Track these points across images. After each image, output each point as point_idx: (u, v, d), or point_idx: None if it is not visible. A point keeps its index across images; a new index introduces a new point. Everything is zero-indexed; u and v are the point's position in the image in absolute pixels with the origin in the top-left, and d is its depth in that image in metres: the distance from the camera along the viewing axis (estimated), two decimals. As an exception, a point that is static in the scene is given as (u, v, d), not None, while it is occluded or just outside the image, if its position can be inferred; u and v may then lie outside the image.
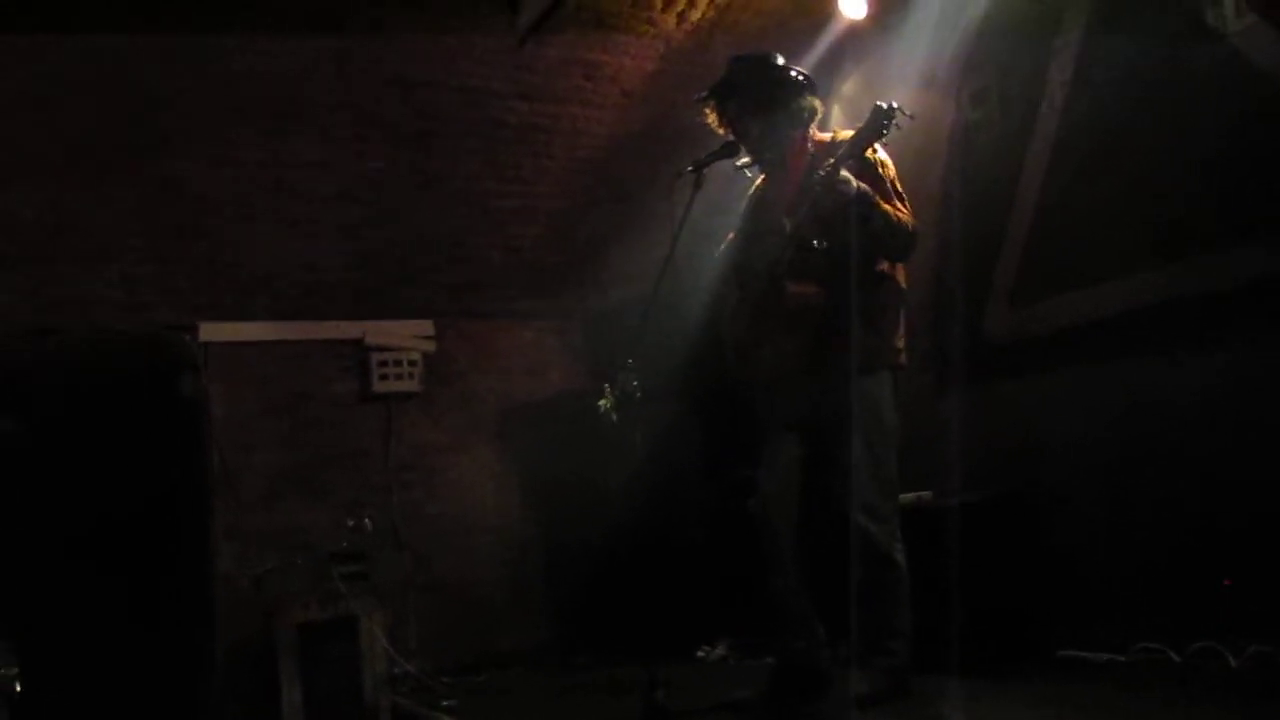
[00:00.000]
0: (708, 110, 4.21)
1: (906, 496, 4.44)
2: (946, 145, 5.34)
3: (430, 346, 6.97)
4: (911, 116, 3.71)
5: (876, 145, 3.88)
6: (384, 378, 6.81)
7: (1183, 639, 4.11)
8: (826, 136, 4.18)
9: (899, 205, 3.96)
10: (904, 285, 4.12)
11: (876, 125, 3.71)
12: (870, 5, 5.49)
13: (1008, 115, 5.03)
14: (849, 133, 3.94)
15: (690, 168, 4.06)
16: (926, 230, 5.26)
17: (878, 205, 3.84)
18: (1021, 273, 4.97)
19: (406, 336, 6.92)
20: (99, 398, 6.94)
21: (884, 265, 4.03)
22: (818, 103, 4.19)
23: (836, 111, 5.98)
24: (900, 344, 4.09)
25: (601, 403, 3.93)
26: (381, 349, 6.83)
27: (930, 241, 5.33)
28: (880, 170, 3.99)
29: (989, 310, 5.13)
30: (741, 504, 4.20)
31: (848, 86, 6.01)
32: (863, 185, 3.80)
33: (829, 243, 3.86)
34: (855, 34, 5.73)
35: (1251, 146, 3.98)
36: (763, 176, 4.33)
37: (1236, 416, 4.06)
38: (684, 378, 4.67)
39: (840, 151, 3.85)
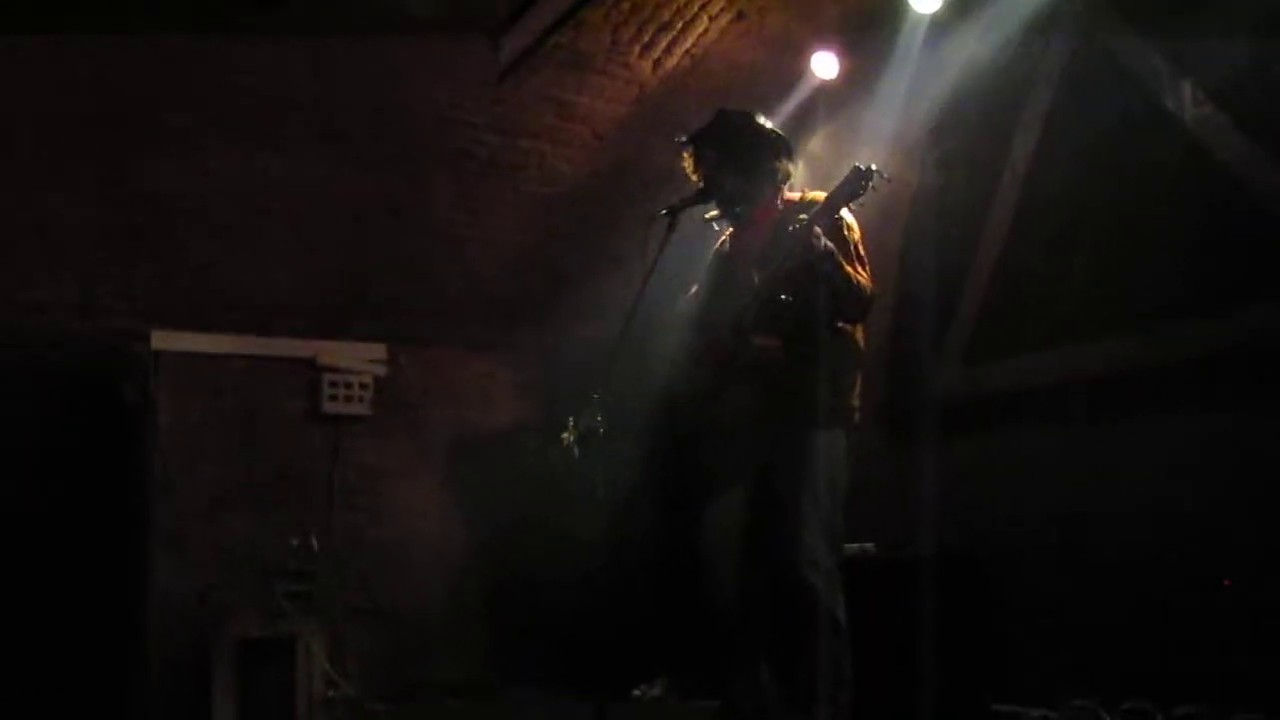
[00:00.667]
0: (685, 155, 4.29)
1: (851, 547, 4.53)
2: (909, 206, 5.49)
3: (382, 370, 6.98)
4: (889, 179, 3.81)
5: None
6: (334, 399, 6.81)
7: (1115, 697, 4.24)
8: (795, 195, 4.26)
9: (859, 269, 4.04)
10: (862, 344, 4.22)
11: (854, 186, 3.78)
12: (842, 66, 5.64)
13: (972, 181, 5.18)
14: (817, 193, 4.04)
15: (665, 211, 4.11)
16: (886, 287, 5.42)
17: (841, 265, 3.92)
18: (976, 334, 5.11)
19: (359, 359, 6.94)
20: (40, 400, 6.89)
21: (841, 324, 4.12)
22: (791, 166, 4.29)
23: (803, 169, 6.10)
24: (856, 402, 4.16)
25: (565, 435, 3.96)
26: (333, 370, 6.83)
27: (889, 299, 5.47)
28: (845, 232, 4.06)
29: (943, 368, 5.26)
30: (689, 545, 4.26)
31: (815, 144, 6.14)
32: (829, 244, 3.88)
33: (794, 298, 3.94)
34: (826, 93, 5.87)
35: (1205, 227, 4.15)
36: (729, 231, 4.41)
37: (1183, 482, 4.20)
38: (646, 419, 4.72)
39: (816, 209, 3.93)
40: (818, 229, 3.82)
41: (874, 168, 3.76)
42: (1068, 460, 4.63)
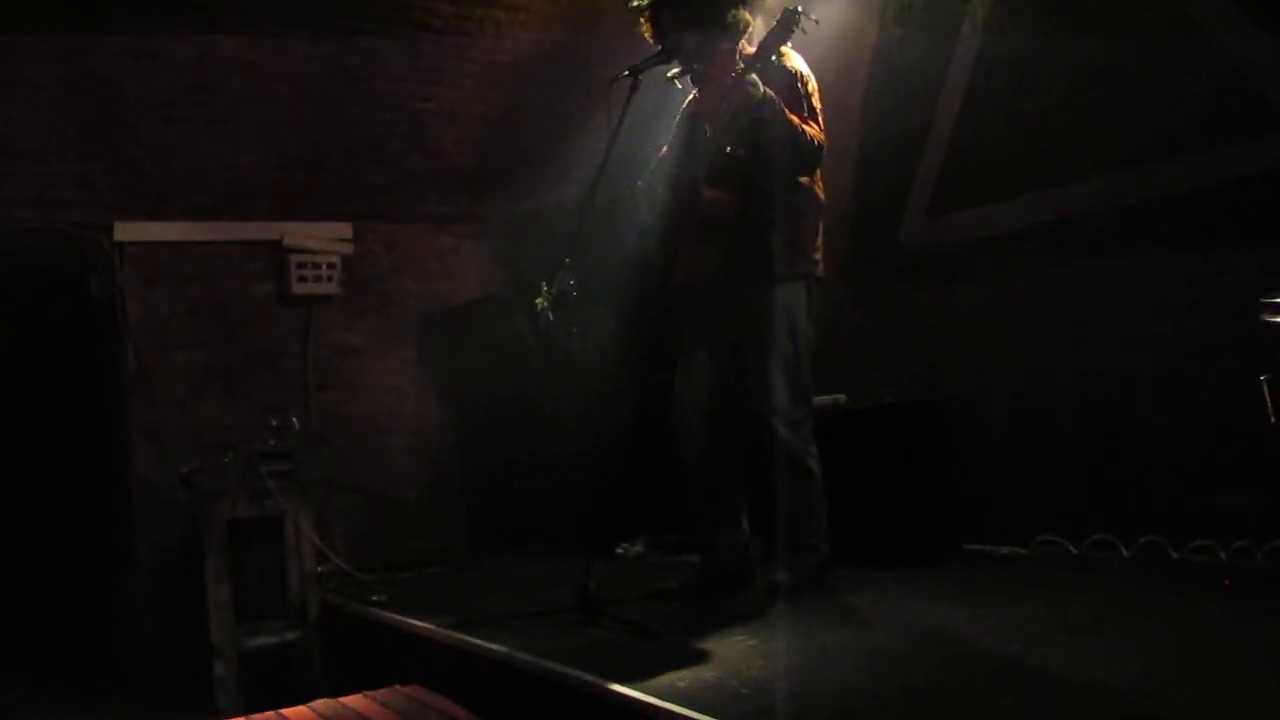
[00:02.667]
0: (642, 20, 4.31)
1: (822, 399, 4.70)
2: (869, 61, 5.53)
3: (348, 249, 7.07)
4: (817, 21, 3.85)
5: (793, 55, 4.04)
6: (302, 280, 6.90)
7: (1080, 534, 4.47)
8: (754, 49, 4.30)
9: (810, 121, 4.10)
10: (822, 196, 4.29)
11: (783, 29, 3.85)
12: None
13: (930, 32, 5.22)
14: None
15: (626, 73, 4.14)
16: (849, 142, 5.50)
17: (782, 113, 3.95)
18: (939, 187, 5.20)
19: (325, 239, 7.01)
20: (4, 297, 6.92)
21: (796, 175, 4.19)
22: (749, 16, 4.32)
23: (760, 25, 6.12)
24: (817, 255, 4.26)
25: (538, 300, 4.05)
26: (300, 251, 6.92)
27: (851, 154, 5.55)
28: (798, 84, 4.11)
29: (907, 221, 5.37)
30: (662, 408, 4.39)
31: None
32: (769, 91, 3.93)
33: (742, 150, 4.00)
34: (781, -55, 5.86)
35: (1170, 62, 4.22)
36: (695, 90, 4.46)
37: (1147, 327, 4.36)
38: (617, 283, 4.82)
39: (751, 56, 4.00)
40: (752, 76, 3.88)
41: (799, 10, 3.81)
42: (1032, 309, 4.76)
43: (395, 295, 7.22)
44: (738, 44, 4.28)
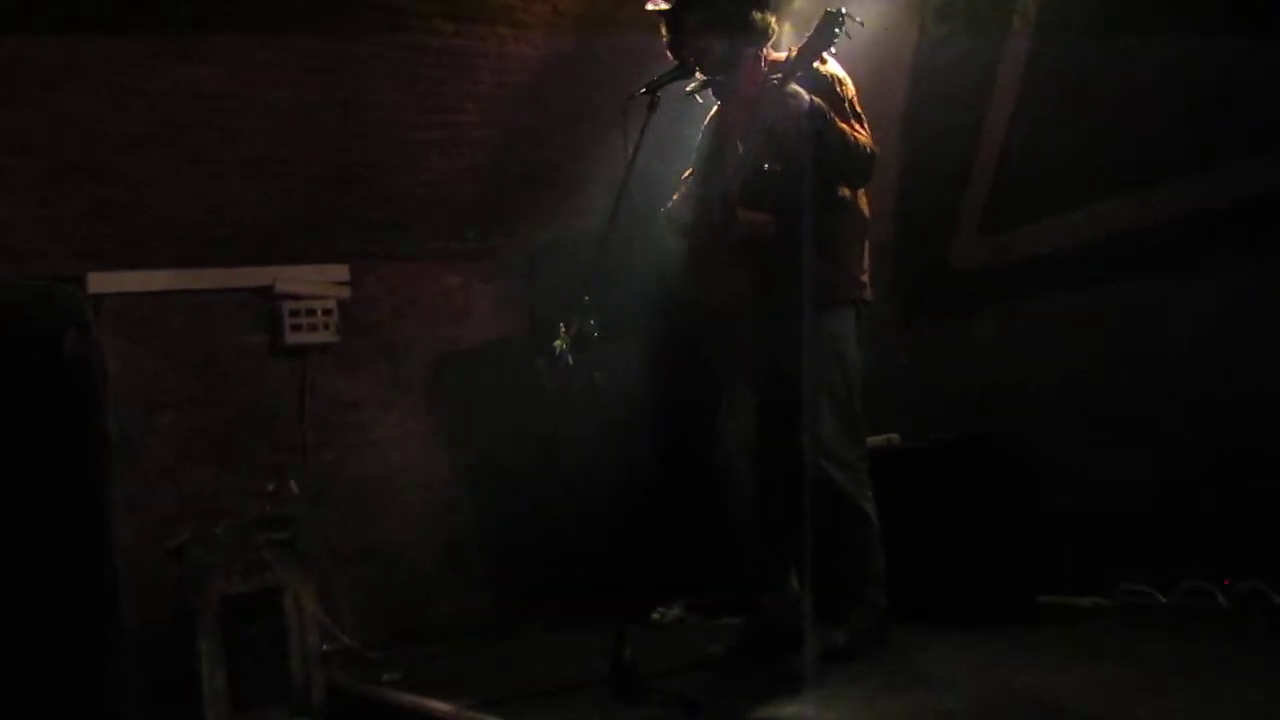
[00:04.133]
0: (662, 26, 4.27)
1: (874, 439, 4.61)
2: (910, 63, 5.48)
3: (346, 293, 7.03)
4: (861, 23, 3.78)
5: (828, 59, 3.97)
6: (297, 328, 6.86)
7: (1169, 580, 4.34)
8: (781, 55, 4.25)
9: (857, 126, 4.05)
10: (867, 213, 4.23)
11: (826, 33, 3.77)
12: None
13: (976, 30, 5.17)
14: (806, 49, 4.03)
15: (643, 89, 4.10)
16: (889, 155, 5.43)
17: (833, 122, 3.90)
18: (992, 199, 5.13)
19: (320, 283, 6.98)
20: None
21: (844, 191, 4.13)
22: (774, 20, 4.28)
23: (787, 29, 6.09)
24: (865, 277, 4.20)
25: (557, 342, 4.00)
26: (293, 297, 6.87)
27: (893, 167, 5.49)
28: (838, 88, 4.06)
29: (957, 239, 5.30)
30: (699, 451, 4.33)
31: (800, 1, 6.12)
32: (816, 99, 3.88)
33: (782, 166, 3.95)
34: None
35: (1236, 62, 4.15)
36: (718, 104, 4.41)
37: (1231, 342, 4.26)
38: (642, 318, 4.77)
39: (787, 64, 3.94)
40: (794, 86, 3.82)
41: (844, 11, 3.74)
42: (1103, 330, 4.68)
43: (399, 342, 7.18)
44: (763, 51, 4.24)
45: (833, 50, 3.85)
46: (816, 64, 3.94)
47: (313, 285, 6.94)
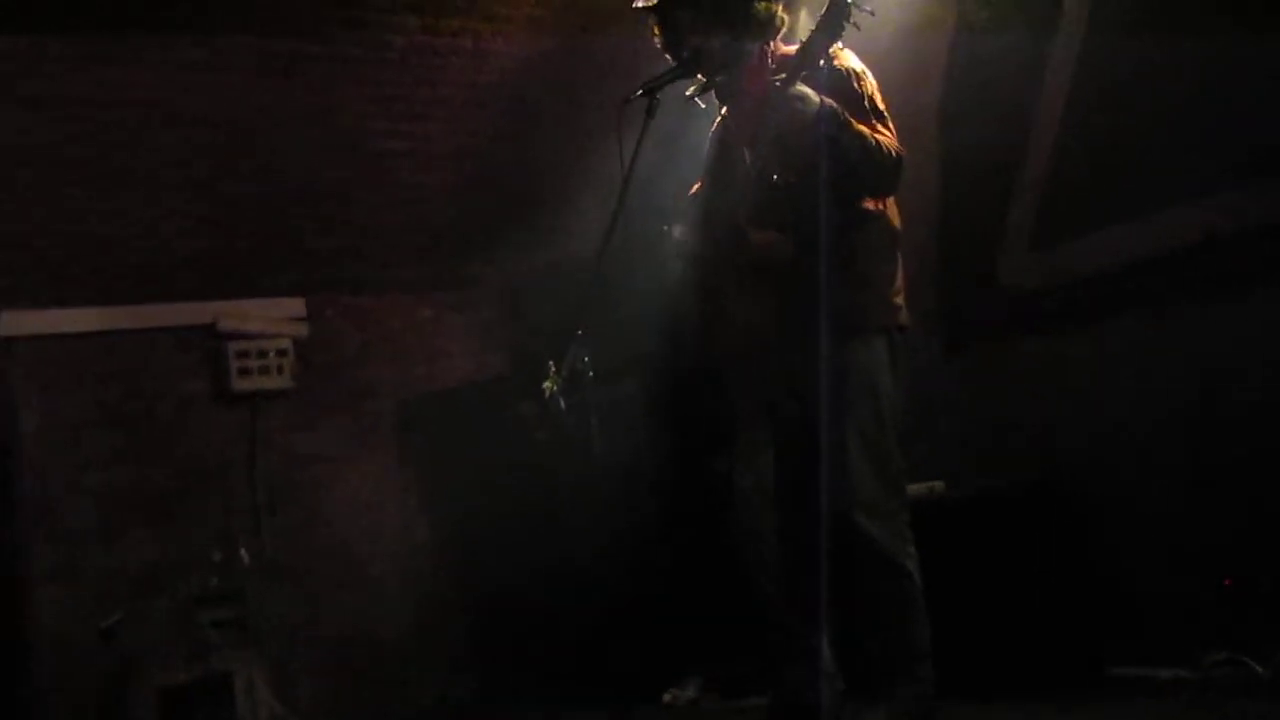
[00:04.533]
0: (653, 24, 4.28)
1: (915, 488, 4.61)
2: (946, 54, 5.51)
3: (303, 331, 7.07)
4: (871, 11, 3.78)
5: (845, 52, 4.00)
6: (245, 372, 6.90)
7: (1267, 648, 4.29)
8: (794, 49, 4.25)
9: (879, 127, 4.05)
10: (897, 224, 4.23)
11: (832, 25, 3.76)
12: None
13: (1023, 13, 5.20)
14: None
15: (640, 91, 4.10)
16: (925, 159, 5.45)
17: (848, 125, 3.90)
18: (1045, 207, 5.14)
19: (272, 319, 7.02)
20: None
21: (869, 201, 4.13)
22: (781, 9, 4.28)
23: (804, 18, 6.11)
24: (898, 299, 4.19)
25: (546, 385, 4.00)
26: (241, 337, 6.93)
27: (930, 173, 5.51)
28: (855, 84, 4.05)
29: (1005, 255, 5.31)
30: (713, 505, 4.32)
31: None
32: (827, 100, 3.88)
33: (794, 178, 3.95)
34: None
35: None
36: (722, 109, 4.43)
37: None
38: (646, 354, 4.79)
39: (791, 61, 3.95)
40: (800, 86, 3.83)
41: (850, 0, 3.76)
42: (1178, 355, 4.68)
43: (366, 385, 7.21)
44: (770, 46, 4.25)
45: (839, 44, 3.86)
46: (829, 58, 3.95)
47: (263, 322, 6.97)
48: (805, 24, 5.04)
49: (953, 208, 5.53)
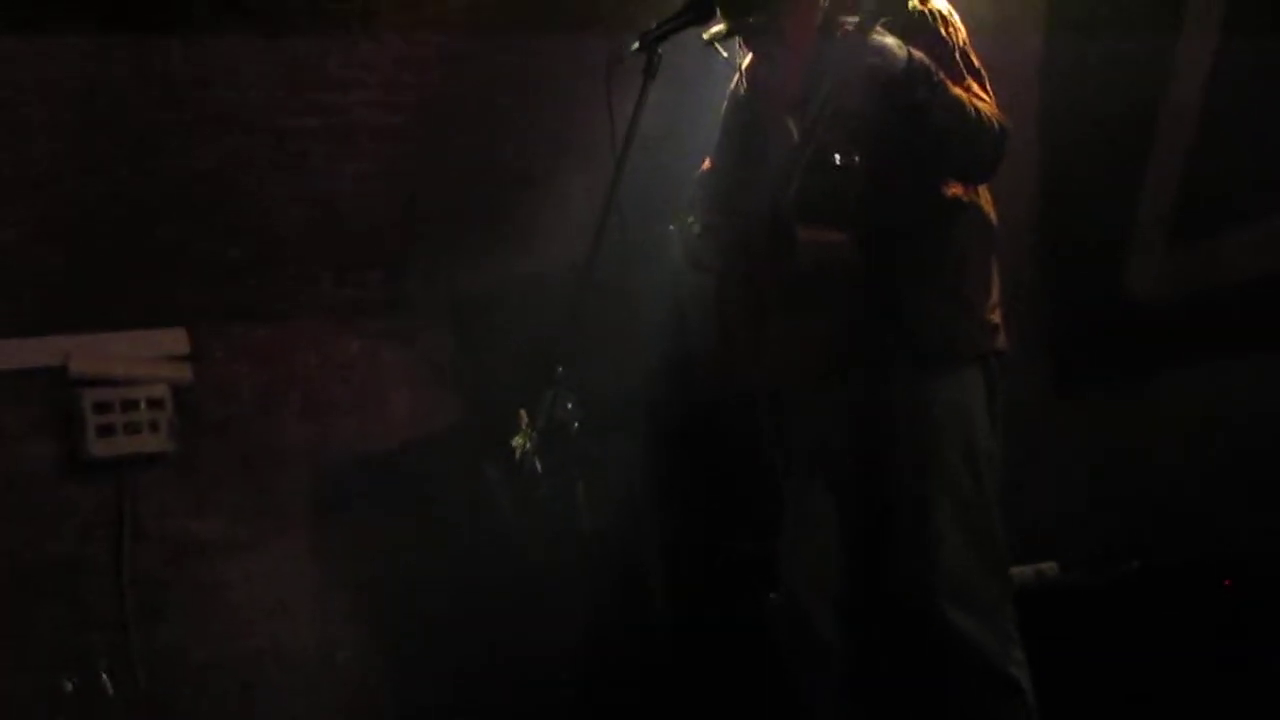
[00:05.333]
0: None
1: (1019, 570, 4.62)
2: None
3: (185, 374, 7.06)
4: None
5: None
6: (108, 431, 6.87)
7: None
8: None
9: (976, 89, 4.07)
10: (994, 219, 4.25)
11: None
12: None
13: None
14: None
15: (637, 45, 4.12)
16: (1023, 137, 5.48)
17: (942, 86, 3.92)
18: (1187, 192, 5.17)
19: (143, 359, 7.00)
20: None
21: (956, 188, 4.15)
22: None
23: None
24: (995, 316, 4.20)
25: (516, 441, 4.02)
26: (101, 382, 6.90)
27: (1031, 150, 5.54)
28: (944, 31, 4.08)
29: (1134, 255, 5.34)
30: (746, 596, 4.32)
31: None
32: (915, 53, 3.90)
33: (861, 156, 3.96)
34: None
35: None
36: (749, 58, 4.45)
37: None
38: (649, 396, 4.80)
39: (867, 3, 3.95)
40: (878, 35, 3.84)
41: None
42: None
43: (272, 445, 7.21)
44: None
45: None
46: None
47: (131, 363, 6.96)
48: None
49: (1058, 198, 5.56)
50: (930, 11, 4.05)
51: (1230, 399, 5.07)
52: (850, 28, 3.78)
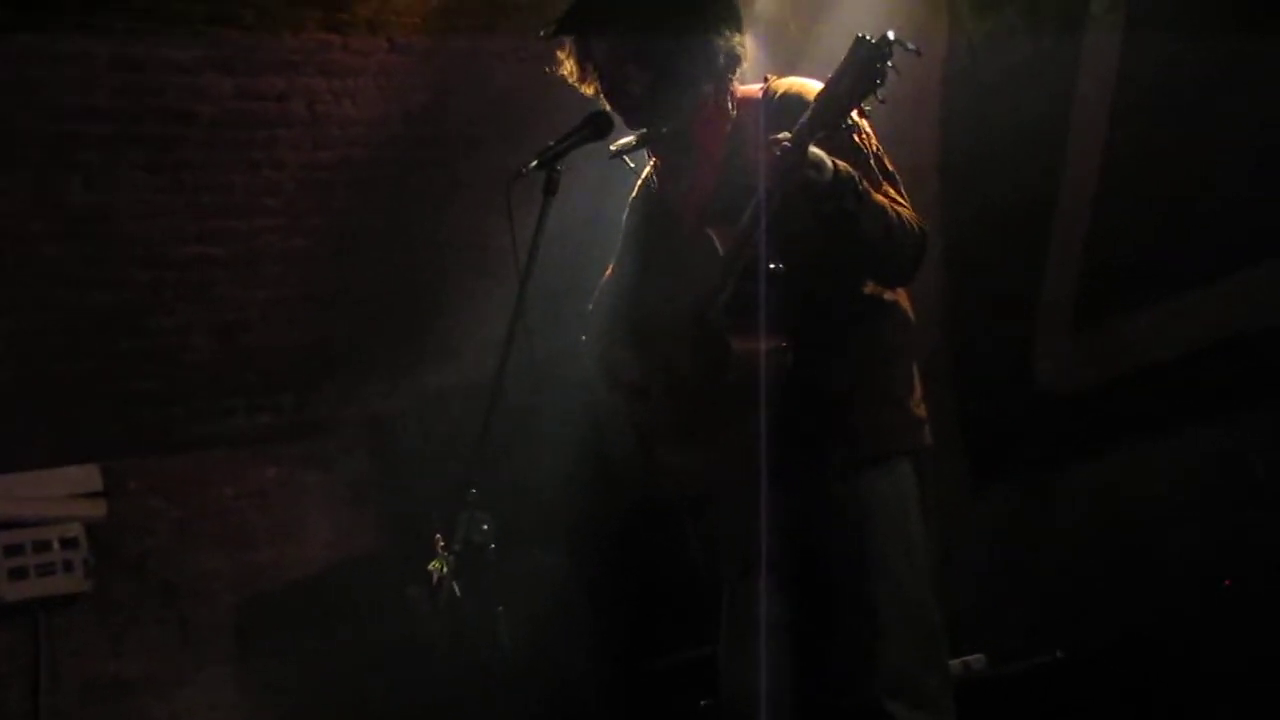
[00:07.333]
0: (561, 55, 4.30)
1: (950, 664, 4.63)
2: (941, 82, 5.61)
3: (99, 511, 7.01)
4: (918, 50, 3.83)
5: (807, 84, 4.03)
6: (20, 574, 6.81)
7: None
8: (755, 89, 4.28)
9: (894, 193, 4.08)
10: (912, 317, 4.27)
11: (864, 71, 3.80)
12: None
13: (1037, 27, 5.31)
14: (797, 80, 4.08)
15: (535, 162, 4.11)
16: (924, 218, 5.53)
17: (867, 194, 3.94)
18: (1089, 276, 5.22)
19: (55, 498, 6.96)
20: None
21: (875, 288, 4.16)
22: (741, 42, 4.31)
23: (750, 44, 6.19)
24: (921, 411, 4.21)
25: (433, 565, 3.99)
26: (11, 524, 6.86)
27: (932, 239, 5.58)
28: (858, 140, 4.09)
29: (1040, 342, 5.38)
30: (687, 710, 4.30)
31: (764, 3, 6.24)
32: (840, 163, 3.90)
33: (789, 264, 3.97)
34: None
35: None
36: (653, 161, 4.45)
37: None
38: (568, 511, 4.78)
39: (804, 117, 3.94)
40: (815, 150, 3.85)
41: (891, 36, 3.78)
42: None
43: (190, 581, 7.16)
44: (728, 84, 4.27)
45: (879, 97, 3.88)
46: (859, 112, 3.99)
47: (43, 502, 6.91)
48: (751, 50, 5.13)
49: (961, 286, 5.60)
50: (848, 121, 4.07)
51: (1146, 482, 5.10)
52: (782, 145, 3.80)
